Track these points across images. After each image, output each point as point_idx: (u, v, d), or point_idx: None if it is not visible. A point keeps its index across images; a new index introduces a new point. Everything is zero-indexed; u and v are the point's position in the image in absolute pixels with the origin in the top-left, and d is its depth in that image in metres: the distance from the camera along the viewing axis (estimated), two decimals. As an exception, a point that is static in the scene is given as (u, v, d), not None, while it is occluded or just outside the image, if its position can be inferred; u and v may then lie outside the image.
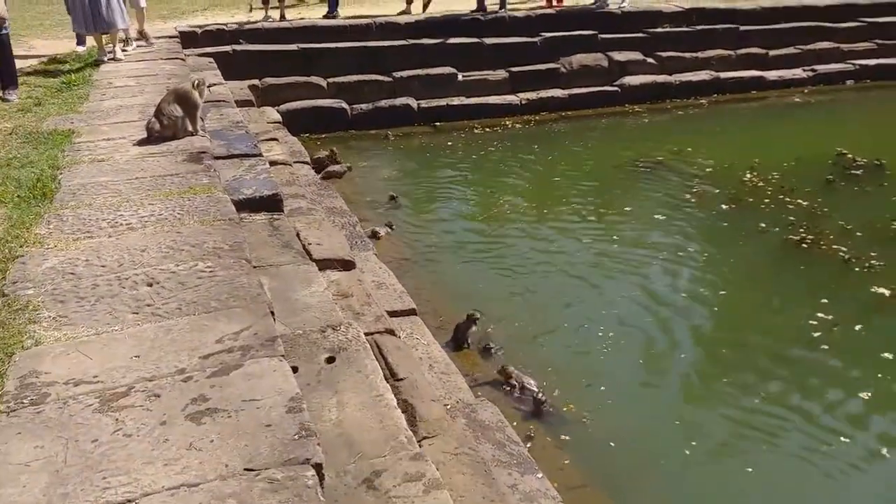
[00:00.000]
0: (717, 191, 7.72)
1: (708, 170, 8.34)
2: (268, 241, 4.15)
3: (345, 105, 9.79)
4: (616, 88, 11.02)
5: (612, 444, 4.05)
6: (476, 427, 3.54)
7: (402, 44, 10.45)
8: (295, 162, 6.87)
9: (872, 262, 5.98)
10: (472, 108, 10.22)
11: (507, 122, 10.24)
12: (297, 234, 4.47)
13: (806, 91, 11.80)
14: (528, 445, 3.93)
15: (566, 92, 10.77)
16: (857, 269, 5.91)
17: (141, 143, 5.09)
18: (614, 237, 6.73)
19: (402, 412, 3.01)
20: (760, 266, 6.27)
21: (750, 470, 3.89)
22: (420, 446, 2.84)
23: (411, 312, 4.62)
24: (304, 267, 3.86)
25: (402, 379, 3.34)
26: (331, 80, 9.90)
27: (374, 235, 6.37)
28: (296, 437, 2.15)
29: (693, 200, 7.53)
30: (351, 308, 3.85)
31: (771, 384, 4.57)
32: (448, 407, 3.65)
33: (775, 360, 4.83)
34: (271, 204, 4.60)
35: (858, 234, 6.53)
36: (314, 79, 9.87)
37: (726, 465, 3.94)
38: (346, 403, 2.66)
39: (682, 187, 7.89)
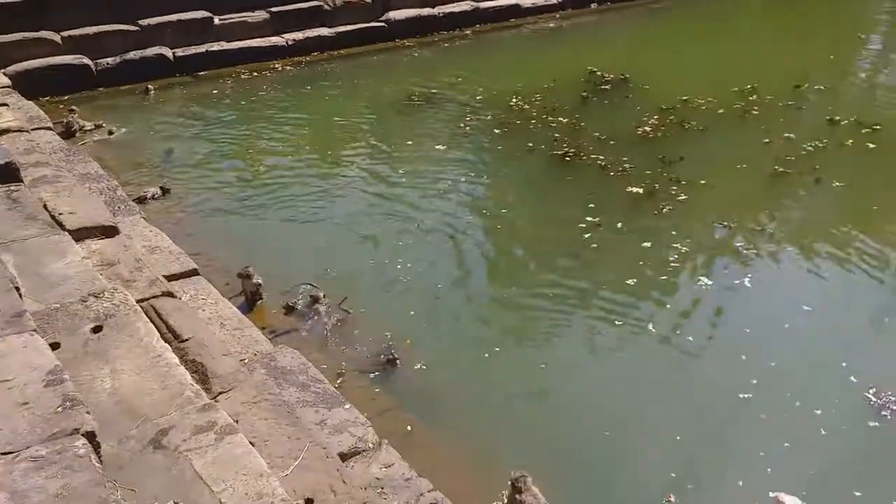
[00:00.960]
0: (489, 117, 8.06)
1: (478, 97, 8.66)
2: (6, 215, 3.65)
3: (87, 61, 8.72)
4: (383, 24, 10.95)
5: (417, 366, 4.17)
6: (277, 374, 3.45)
7: (146, -12, 9.48)
8: (34, 129, 6.07)
9: (625, 165, 6.64)
10: (235, 52, 9.62)
11: (276, 66, 9.80)
12: (45, 205, 3.98)
13: (558, 16, 12.59)
14: (339, 382, 3.93)
15: (333, 30, 10.51)
16: (612, 173, 6.54)
17: None
18: (399, 171, 6.80)
19: (193, 372, 2.84)
20: (533, 182, 6.72)
21: (543, 365, 4.22)
22: (217, 401, 2.70)
23: (193, 273, 4.37)
24: (56, 238, 3.45)
25: (186, 339, 3.14)
26: (66, 33, 8.75)
27: (142, 199, 5.85)
28: (59, 409, 1.94)
29: (468, 129, 7.80)
30: (119, 276, 3.52)
31: (553, 286, 4.96)
32: (245, 360, 3.51)
33: (555, 265, 5.24)
34: (6, 174, 4.05)
35: (612, 142, 7.19)
36: (46, 34, 8.66)
37: (520, 365, 4.24)
38: (120, 370, 2.43)
39: (456, 117, 8.13)
